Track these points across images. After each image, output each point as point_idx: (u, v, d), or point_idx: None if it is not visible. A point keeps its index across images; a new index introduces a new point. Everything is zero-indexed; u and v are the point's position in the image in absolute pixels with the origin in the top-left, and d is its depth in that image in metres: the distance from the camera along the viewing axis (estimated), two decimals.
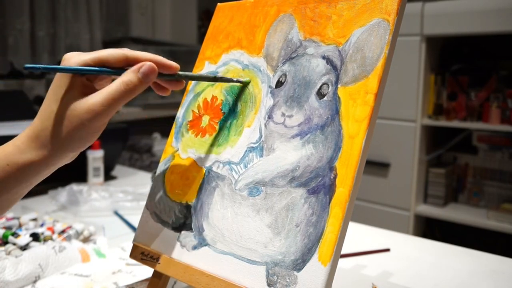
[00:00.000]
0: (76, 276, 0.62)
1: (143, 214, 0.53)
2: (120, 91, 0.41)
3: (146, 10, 2.56)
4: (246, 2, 0.53)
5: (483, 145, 1.88)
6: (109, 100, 0.40)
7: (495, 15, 1.62)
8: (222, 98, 0.51)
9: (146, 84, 0.42)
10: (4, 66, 1.90)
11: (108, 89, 0.41)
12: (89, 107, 0.40)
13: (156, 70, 0.42)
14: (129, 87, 0.41)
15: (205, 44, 0.56)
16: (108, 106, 0.40)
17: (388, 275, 0.66)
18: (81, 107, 0.40)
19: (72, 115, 0.40)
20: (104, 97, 0.40)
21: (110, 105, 0.41)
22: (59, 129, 0.41)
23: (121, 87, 0.41)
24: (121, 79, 0.41)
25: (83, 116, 0.40)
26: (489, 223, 1.74)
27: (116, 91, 0.41)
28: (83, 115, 0.40)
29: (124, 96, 0.41)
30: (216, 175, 0.47)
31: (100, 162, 1.10)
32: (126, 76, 0.41)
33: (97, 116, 0.40)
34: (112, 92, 0.41)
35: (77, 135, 0.41)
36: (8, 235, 0.67)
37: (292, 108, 0.44)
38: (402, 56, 1.82)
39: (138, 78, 0.41)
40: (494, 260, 0.72)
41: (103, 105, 0.40)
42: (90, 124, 0.41)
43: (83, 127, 0.41)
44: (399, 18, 0.41)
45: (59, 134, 0.41)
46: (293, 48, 0.46)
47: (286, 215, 0.40)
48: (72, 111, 0.40)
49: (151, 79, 0.42)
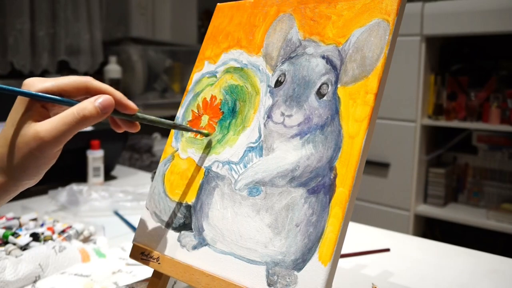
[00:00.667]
0: (76, 276, 0.62)
1: (143, 214, 0.53)
2: (72, 119, 0.38)
3: (146, 10, 2.56)
4: (246, 2, 0.53)
5: (483, 145, 1.88)
6: (59, 127, 0.38)
7: (495, 15, 1.62)
8: (221, 98, 0.51)
9: (102, 116, 0.40)
10: (4, 66, 1.90)
11: (60, 116, 0.39)
12: (37, 134, 0.38)
13: (113, 104, 0.41)
14: (83, 115, 0.39)
15: (205, 44, 0.56)
16: (58, 134, 0.38)
17: (388, 275, 0.66)
18: (30, 134, 0.38)
19: (22, 143, 0.38)
20: (53, 124, 0.38)
21: (60, 132, 0.38)
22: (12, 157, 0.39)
23: (74, 114, 0.39)
24: (75, 107, 0.39)
25: (31, 144, 0.38)
26: (489, 223, 1.74)
27: (69, 119, 0.38)
28: (31, 143, 0.38)
29: (76, 124, 0.39)
30: (216, 175, 0.47)
31: (100, 162, 1.10)
32: (81, 105, 0.39)
33: (45, 144, 0.38)
34: (63, 119, 0.38)
35: (28, 164, 0.39)
36: (8, 235, 0.67)
37: (292, 108, 0.44)
38: (402, 56, 1.82)
39: (95, 107, 0.39)
40: (494, 260, 0.72)
41: (51, 132, 0.38)
42: (38, 153, 0.38)
43: (33, 156, 0.38)
44: (399, 18, 0.41)
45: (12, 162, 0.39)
46: (292, 47, 0.46)
47: (286, 215, 0.40)
48: (22, 138, 0.38)
49: (107, 112, 0.40)
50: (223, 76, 0.52)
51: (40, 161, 0.39)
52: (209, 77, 0.53)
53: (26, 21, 1.90)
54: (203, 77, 0.54)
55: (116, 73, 2.04)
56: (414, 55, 1.81)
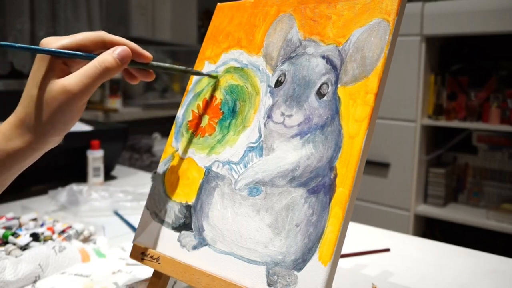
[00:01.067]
0: (76, 276, 0.61)
1: (143, 214, 0.53)
2: (95, 72, 0.41)
3: (146, 10, 2.56)
4: (246, 2, 0.53)
5: (483, 145, 1.88)
6: (85, 80, 0.41)
7: (495, 15, 1.62)
8: (222, 98, 0.51)
9: (121, 66, 0.43)
10: (4, 66, 1.90)
11: (84, 69, 0.41)
12: (65, 88, 0.40)
13: (130, 54, 0.43)
14: (105, 67, 0.42)
15: (205, 44, 0.56)
16: (83, 86, 0.41)
17: (388, 275, 0.66)
18: (57, 89, 0.41)
19: (50, 98, 0.41)
20: (79, 78, 0.41)
21: (86, 85, 0.41)
22: (40, 114, 0.41)
23: (96, 67, 0.41)
24: (96, 60, 0.42)
25: (60, 98, 0.40)
26: (489, 223, 1.74)
27: (92, 72, 0.41)
28: (59, 97, 0.40)
29: (99, 76, 0.41)
30: (216, 175, 0.47)
31: (100, 162, 1.10)
32: (101, 57, 0.42)
33: (73, 97, 0.41)
34: (87, 72, 0.41)
35: (58, 119, 0.41)
36: (8, 235, 0.67)
37: (292, 108, 0.44)
38: (402, 56, 1.82)
39: (114, 59, 0.42)
40: (494, 260, 0.72)
41: (78, 85, 0.41)
42: (68, 107, 0.41)
43: (62, 109, 0.41)
44: (399, 18, 0.41)
45: (41, 119, 0.41)
46: (292, 47, 0.46)
47: (286, 215, 0.40)
48: (50, 94, 0.41)
49: (125, 62, 0.43)
50: (224, 76, 0.52)
51: (67, 115, 0.42)
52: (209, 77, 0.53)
53: (26, 21, 1.90)
54: (203, 77, 0.54)
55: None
56: (414, 55, 1.81)
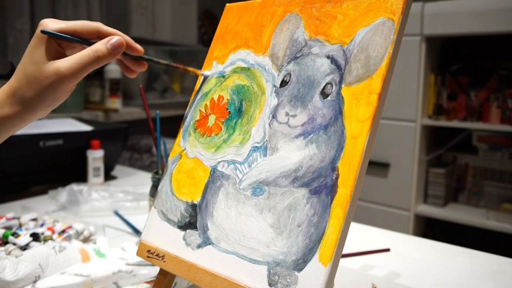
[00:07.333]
0: (76, 276, 0.61)
1: (151, 212, 0.53)
2: (88, 58, 0.44)
3: (146, 10, 2.55)
4: (254, 2, 0.53)
5: (483, 145, 1.88)
6: (77, 65, 0.44)
7: (495, 15, 1.62)
8: (228, 98, 0.51)
9: (114, 55, 0.46)
10: (4, 66, 1.90)
11: (78, 56, 0.45)
12: (58, 70, 0.44)
13: (124, 44, 0.46)
14: (98, 55, 0.45)
15: (214, 44, 0.56)
16: (75, 71, 0.44)
17: (388, 275, 0.66)
18: (51, 70, 0.44)
19: (43, 77, 0.44)
20: (72, 62, 0.44)
21: (77, 69, 0.44)
22: (31, 89, 0.44)
23: (90, 54, 0.45)
24: (90, 48, 0.45)
25: (52, 78, 0.44)
26: (489, 223, 1.74)
27: (85, 59, 0.44)
28: (52, 77, 0.44)
29: (91, 63, 0.45)
30: (221, 174, 0.47)
31: (100, 162, 1.10)
32: (95, 46, 0.45)
33: (65, 79, 0.44)
34: (81, 58, 0.44)
35: (47, 96, 0.45)
36: (8, 235, 0.66)
37: (296, 108, 0.43)
38: (402, 56, 1.82)
39: (107, 48, 0.45)
40: (494, 260, 0.72)
41: (70, 69, 0.44)
42: (58, 87, 0.44)
43: (52, 88, 0.44)
44: (404, 18, 0.40)
45: (31, 94, 0.44)
46: (298, 47, 0.46)
47: (288, 215, 0.40)
48: (43, 73, 0.44)
49: (118, 52, 0.46)
50: (231, 76, 0.52)
51: (57, 94, 0.45)
52: (217, 77, 0.53)
53: (26, 21, 1.90)
54: (211, 77, 0.54)
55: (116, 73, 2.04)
56: (414, 55, 1.81)
